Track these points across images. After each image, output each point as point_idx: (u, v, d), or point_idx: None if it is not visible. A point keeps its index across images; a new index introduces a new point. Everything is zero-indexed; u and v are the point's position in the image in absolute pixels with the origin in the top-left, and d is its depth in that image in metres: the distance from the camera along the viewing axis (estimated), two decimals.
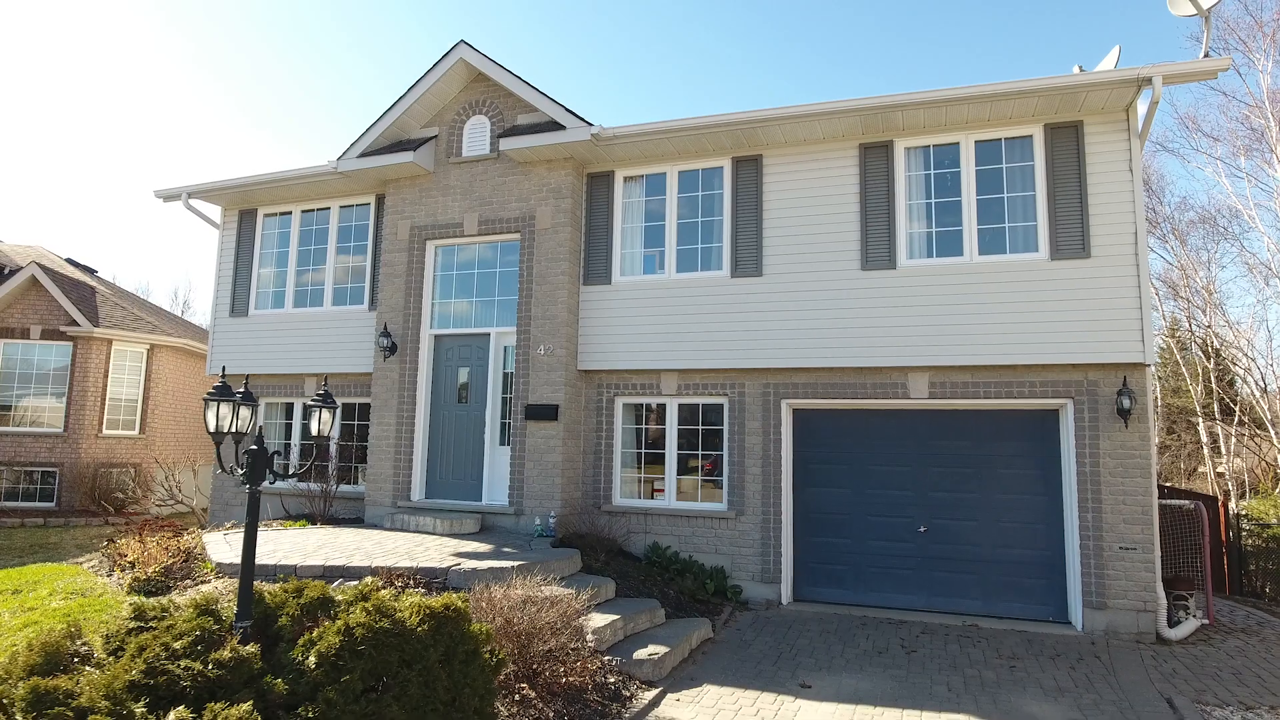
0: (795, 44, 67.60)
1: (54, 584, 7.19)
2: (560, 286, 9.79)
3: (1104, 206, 8.17)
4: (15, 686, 2.60)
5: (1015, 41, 58.93)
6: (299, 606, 3.80)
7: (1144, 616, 7.77)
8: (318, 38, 67.62)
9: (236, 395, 3.87)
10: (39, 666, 2.91)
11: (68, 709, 2.57)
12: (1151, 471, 8.00)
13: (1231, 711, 5.74)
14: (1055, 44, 55.87)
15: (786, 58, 69.59)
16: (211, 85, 68.05)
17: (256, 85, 69.62)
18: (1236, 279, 38.85)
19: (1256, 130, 18.55)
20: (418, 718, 3.55)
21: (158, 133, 67.40)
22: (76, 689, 2.69)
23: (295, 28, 66.32)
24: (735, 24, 66.51)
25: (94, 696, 2.67)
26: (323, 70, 71.17)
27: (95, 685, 2.74)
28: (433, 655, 3.72)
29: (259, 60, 67.86)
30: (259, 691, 3.28)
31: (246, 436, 4.03)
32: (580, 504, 9.82)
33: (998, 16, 57.77)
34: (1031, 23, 56.86)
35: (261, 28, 65.12)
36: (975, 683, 6.37)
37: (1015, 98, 8.15)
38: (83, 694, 2.67)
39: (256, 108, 70.65)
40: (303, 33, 66.94)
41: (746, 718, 5.57)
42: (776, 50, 68.84)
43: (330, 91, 72.56)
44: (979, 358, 8.43)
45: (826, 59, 68.71)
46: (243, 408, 3.87)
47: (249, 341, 12.00)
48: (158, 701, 2.95)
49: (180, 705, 2.85)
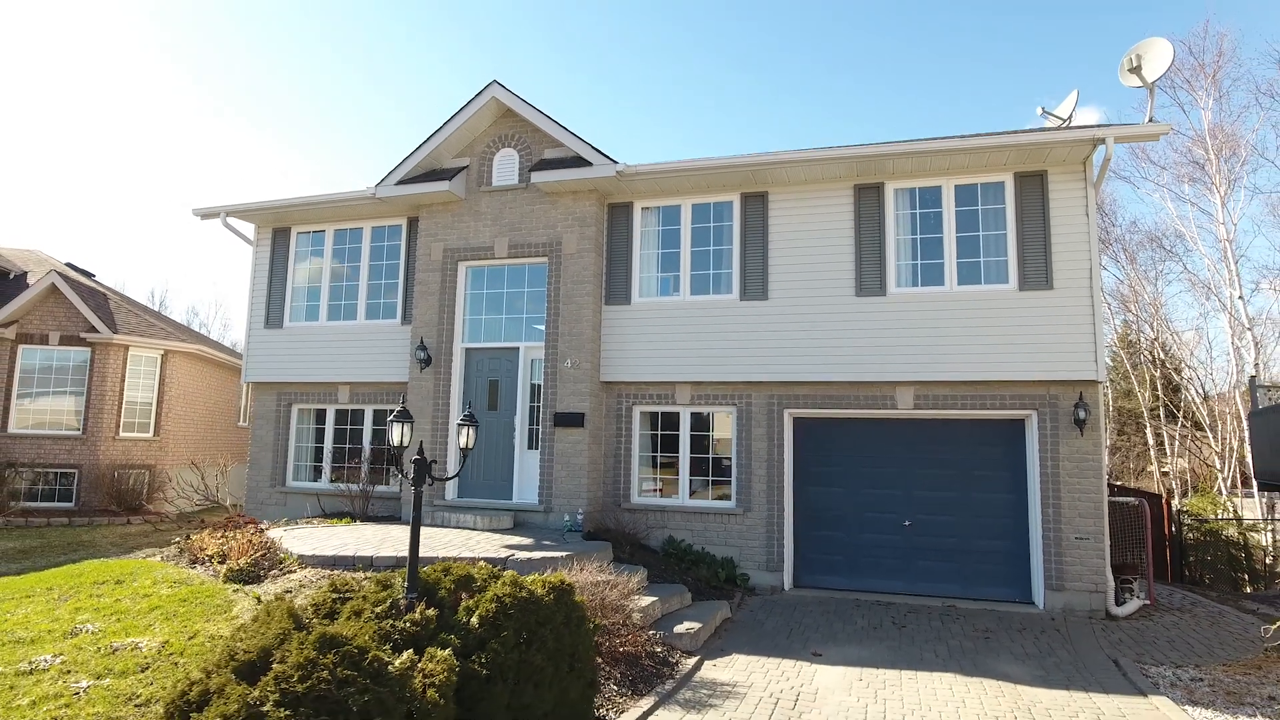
0: (796, 52, 69.21)
1: (151, 575, 8.05)
2: (585, 306, 10.87)
3: (1064, 245, 9.51)
4: (306, 634, 3.60)
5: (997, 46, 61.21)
6: (451, 582, 4.84)
7: (1095, 597, 9.12)
8: (315, 52, 67.41)
9: (410, 418, 4.89)
10: (289, 627, 3.91)
11: (351, 647, 3.57)
12: (1103, 473, 9.36)
13: (1164, 669, 7.05)
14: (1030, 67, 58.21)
15: (788, 63, 71.20)
16: (195, 85, 67.48)
17: (251, 89, 69.18)
18: (1181, 294, 41.29)
19: (1198, 161, 20.35)
20: (551, 664, 4.62)
21: (159, 139, 66.65)
22: (348, 635, 3.69)
23: (296, 44, 66.05)
24: (740, 43, 67.92)
25: (361, 640, 3.68)
26: (324, 87, 70.92)
27: (358, 633, 3.75)
28: (558, 618, 4.80)
29: (255, 66, 67.47)
30: (440, 643, 4.33)
31: (407, 449, 5.03)
32: (603, 502, 10.91)
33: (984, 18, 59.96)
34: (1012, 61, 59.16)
35: (253, 34, 64.78)
36: (957, 650, 7.62)
37: (990, 151, 9.45)
38: (355, 638, 3.68)
39: (253, 112, 70.19)
40: (305, 48, 66.69)
41: (774, 678, 6.72)
42: (777, 53, 70.38)
43: (328, 103, 72.33)
44: (957, 374, 9.71)
45: (826, 64, 70.48)
46: (408, 425, 4.89)
47: (283, 351, 12.84)
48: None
49: (405, 651, 3.89)
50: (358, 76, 71.25)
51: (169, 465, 17.97)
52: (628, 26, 69.32)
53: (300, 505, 12.44)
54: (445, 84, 75.43)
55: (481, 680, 4.16)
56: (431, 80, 75.78)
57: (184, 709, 3.36)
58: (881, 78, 69.70)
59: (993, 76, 64.29)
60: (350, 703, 3.32)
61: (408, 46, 71.05)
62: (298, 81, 71.63)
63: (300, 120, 73.39)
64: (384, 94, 74.01)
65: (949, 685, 6.56)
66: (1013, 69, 62.76)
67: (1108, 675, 6.89)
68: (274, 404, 12.92)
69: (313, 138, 74.75)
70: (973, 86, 65.71)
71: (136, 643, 6.06)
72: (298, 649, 3.50)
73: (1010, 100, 60.41)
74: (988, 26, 60.67)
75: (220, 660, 3.56)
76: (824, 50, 69.63)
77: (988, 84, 65.13)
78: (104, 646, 5.99)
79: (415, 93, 75.78)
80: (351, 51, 70.18)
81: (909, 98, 69.51)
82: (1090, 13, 54.75)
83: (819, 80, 72.69)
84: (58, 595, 7.60)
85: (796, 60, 70.72)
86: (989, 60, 63.35)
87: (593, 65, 74.80)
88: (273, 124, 72.27)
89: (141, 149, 67.16)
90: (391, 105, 75.13)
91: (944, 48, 64.56)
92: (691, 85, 74.82)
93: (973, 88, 65.87)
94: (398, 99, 74.89)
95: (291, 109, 73.07)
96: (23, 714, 4.90)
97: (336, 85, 71.71)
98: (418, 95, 75.76)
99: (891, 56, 67.34)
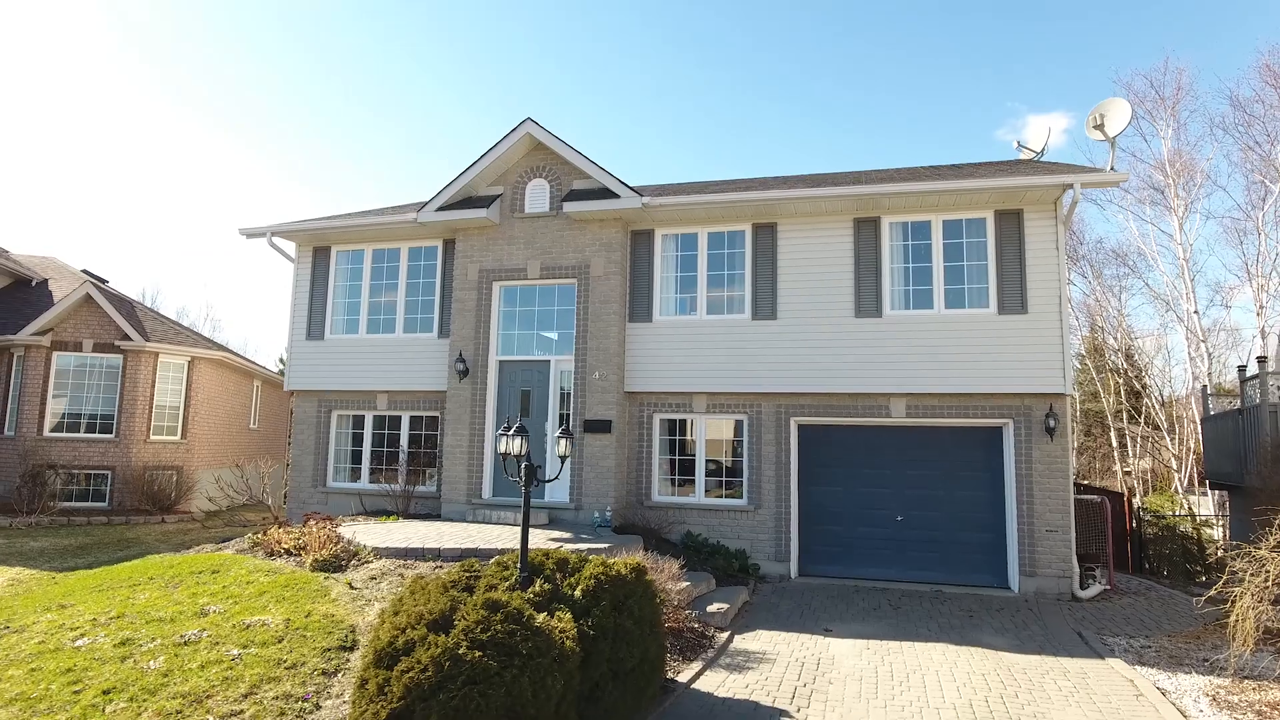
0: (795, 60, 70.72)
1: (241, 566, 9.08)
2: (611, 324, 12.05)
3: (1037, 275, 10.87)
4: (475, 599, 4.74)
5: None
6: (553, 565, 6.01)
7: (1063, 581, 10.49)
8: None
9: (524, 431, 6.03)
10: (456, 595, 5.04)
11: (511, 608, 4.71)
12: (1069, 474, 10.74)
13: (1120, 639, 8.40)
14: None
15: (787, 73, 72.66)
16: (161, 82, 67.45)
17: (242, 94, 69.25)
18: (1142, 306, 43.43)
19: (1159, 187, 22.03)
20: (637, 628, 5.79)
21: (154, 142, 66.46)
22: (506, 599, 4.83)
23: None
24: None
25: (517, 606, 4.82)
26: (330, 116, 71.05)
27: (512, 600, 4.90)
28: (639, 592, 5.98)
29: (249, 72, 67.53)
30: (553, 611, 5.49)
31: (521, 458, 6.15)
32: (627, 500, 12.11)
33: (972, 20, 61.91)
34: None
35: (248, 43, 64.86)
36: (946, 626, 8.92)
37: (974, 192, 10.80)
38: (510, 602, 4.81)
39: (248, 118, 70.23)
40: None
41: (796, 648, 7.96)
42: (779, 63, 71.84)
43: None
44: (944, 387, 11.03)
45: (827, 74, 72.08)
46: (522, 437, 6.02)
47: (323, 361, 13.87)
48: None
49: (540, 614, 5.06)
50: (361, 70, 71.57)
51: (196, 467, 18.86)
52: (606, 24, 70.47)
53: (341, 504, 13.46)
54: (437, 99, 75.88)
55: (590, 638, 5.33)
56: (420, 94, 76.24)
57: (392, 655, 4.48)
58: (861, 80, 71.57)
59: (974, 76, 66.43)
60: (520, 647, 4.49)
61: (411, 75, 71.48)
62: (294, 87, 71.79)
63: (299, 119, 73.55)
64: (383, 91, 74.32)
65: (941, 652, 7.84)
66: (988, 69, 64.92)
67: (1073, 644, 8.22)
68: (315, 410, 13.93)
69: (314, 136, 74.95)
70: (960, 87, 67.79)
71: (264, 620, 7.13)
72: (472, 610, 4.65)
73: (1001, 96, 62.48)
74: (971, 28, 62.72)
75: (412, 620, 4.68)
76: (807, 52, 71.34)
77: (972, 85, 67.25)
78: (237, 623, 7.07)
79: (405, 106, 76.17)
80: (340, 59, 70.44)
81: (889, 99, 71.42)
82: (1064, 16, 56.96)
83: (798, 80, 74.42)
84: (163, 584, 8.63)
85: (772, 61, 72.39)
86: (970, 61, 65.46)
87: (583, 69, 75.83)
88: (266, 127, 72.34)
89: (142, 149, 67.04)
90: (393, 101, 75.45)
91: (923, 47, 66.58)
92: (689, 97, 76.17)
93: (960, 88, 67.95)
94: (398, 98, 75.25)
95: (294, 104, 73.21)
96: (198, 674, 5.99)
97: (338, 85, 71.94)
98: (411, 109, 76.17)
99: (870, 59, 69.24)
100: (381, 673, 4.41)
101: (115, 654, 6.41)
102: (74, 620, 7.38)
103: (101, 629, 7.05)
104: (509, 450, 6.02)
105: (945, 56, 66.19)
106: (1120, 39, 52.30)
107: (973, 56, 65.07)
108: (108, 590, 8.60)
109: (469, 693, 4.19)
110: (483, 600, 4.75)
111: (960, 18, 63.13)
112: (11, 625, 7.42)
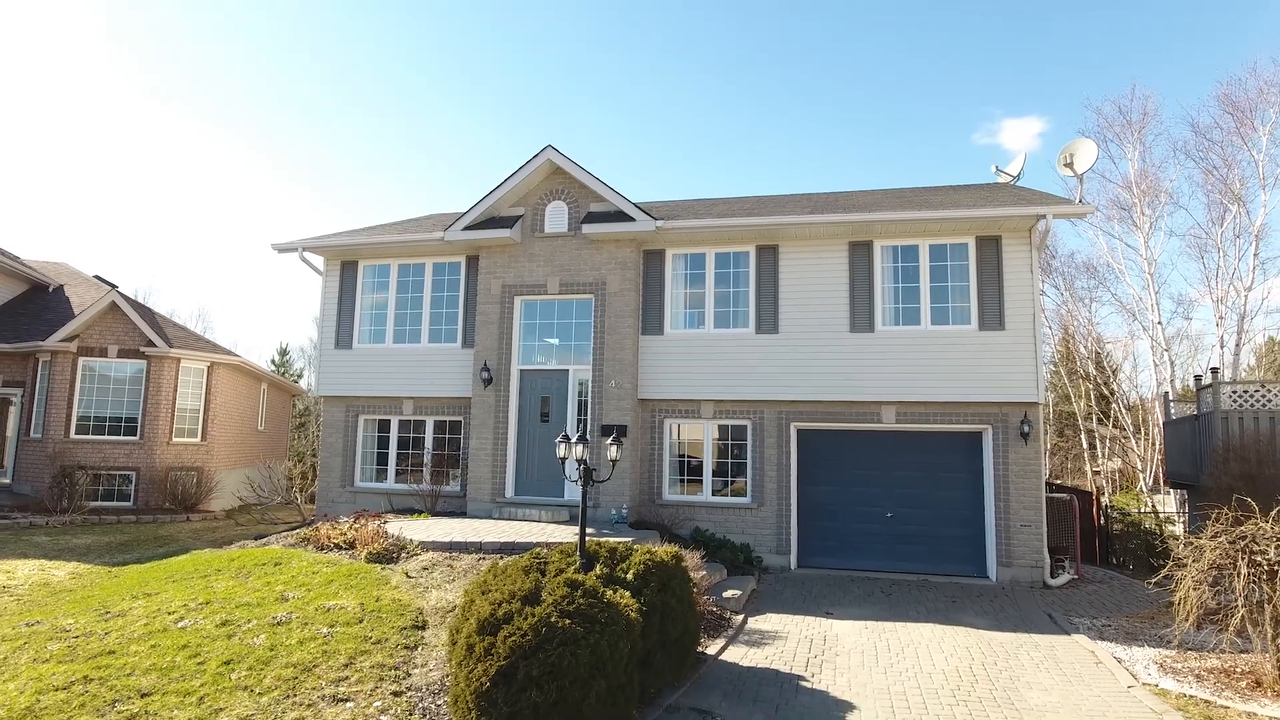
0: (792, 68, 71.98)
1: (300, 559, 10.01)
2: (626, 336, 13.09)
3: (1013, 295, 12.07)
4: (557, 579, 5.75)
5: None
6: (606, 553, 7.05)
7: (1035, 571, 11.69)
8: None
9: (585, 439, 7.04)
10: (537, 576, 6.05)
11: (582, 588, 5.73)
12: (1042, 475, 11.95)
13: (1084, 619, 9.60)
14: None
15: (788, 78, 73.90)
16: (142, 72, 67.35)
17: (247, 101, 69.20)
18: (1111, 315, 45.33)
19: (1125, 205, 23.50)
20: (679, 607, 6.83)
21: (145, 140, 66.27)
22: (581, 579, 5.85)
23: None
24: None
25: (591, 584, 5.84)
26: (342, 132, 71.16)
27: (586, 580, 5.92)
28: (679, 576, 7.03)
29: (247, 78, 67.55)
30: (616, 590, 6.53)
31: (584, 463, 7.17)
32: (640, 499, 13.16)
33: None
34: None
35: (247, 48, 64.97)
36: (933, 609, 10.07)
37: (957, 221, 11.98)
38: (586, 582, 5.83)
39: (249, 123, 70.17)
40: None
41: (803, 628, 9.06)
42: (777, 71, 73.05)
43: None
44: (930, 396, 12.20)
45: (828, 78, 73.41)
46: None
47: (351, 369, 14.78)
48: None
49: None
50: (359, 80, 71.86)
51: (215, 467, 19.64)
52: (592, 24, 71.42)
53: (368, 503, 14.35)
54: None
55: (644, 613, 6.38)
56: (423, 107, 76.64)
57: (494, 624, 5.48)
58: (848, 77, 73.12)
59: (955, 79, 68.18)
60: (599, 617, 5.53)
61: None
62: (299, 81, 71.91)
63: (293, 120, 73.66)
64: (379, 99, 74.61)
65: (930, 630, 8.98)
66: (969, 70, 66.70)
67: (1044, 623, 9.40)
68: (343, 415, 14.84)
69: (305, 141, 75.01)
70: (940, 89, 69.50)
71: (340, 604, 8.10)
72: (557, 588, 5.69)
73: (982, 100, 64.19)
74: (962, 27, 64.42)
75: (505, 596, 5.70)
76: (799, 57, 72.77)
77: (959, 84, 68.99)
78: (318, 606, 8.03)
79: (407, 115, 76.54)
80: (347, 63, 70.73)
81: (891, 102, 73.03)
82: (1043, 18, 58.78)
83: (799, 80, 75.84)
84: (232, 574, 9.54)
85: (767, 64, 73.74)
86: (953, 62, 67.21)
87: (589, 79, 76.68)
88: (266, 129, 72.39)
89: (140, 150, 66.90)
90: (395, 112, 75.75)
91: (908, 48, 68.26)
92: (689, 105, 77.28)
93: (939, 90, 69.68)
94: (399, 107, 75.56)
95: (291, 111, 73.34)
96: (299, 649, 6.95)
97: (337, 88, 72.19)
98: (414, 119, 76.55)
99: (869, 61, 70.81)
100: (486, 638, 5.42)
101: (220, 633, 7.35)
102: (166, 606, 8.29)
103: (197, 613, 7.97)
104: (571, 455, 7.04)
105: (924, 59, 67.93)
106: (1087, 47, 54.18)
107: (954, 58, 66.87)
108: (182, 581, 9.49)
109: (563, 652, 5.23)
110: (564, 580, 5.79)
111: (945, 19, 64.84)
112: (111, 610, 8.31)
